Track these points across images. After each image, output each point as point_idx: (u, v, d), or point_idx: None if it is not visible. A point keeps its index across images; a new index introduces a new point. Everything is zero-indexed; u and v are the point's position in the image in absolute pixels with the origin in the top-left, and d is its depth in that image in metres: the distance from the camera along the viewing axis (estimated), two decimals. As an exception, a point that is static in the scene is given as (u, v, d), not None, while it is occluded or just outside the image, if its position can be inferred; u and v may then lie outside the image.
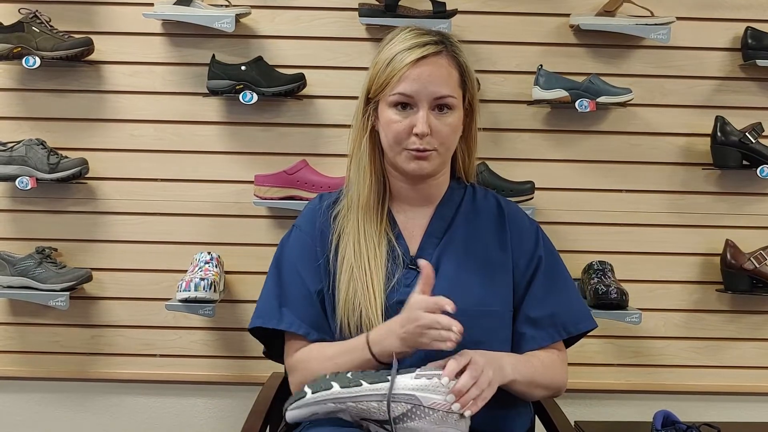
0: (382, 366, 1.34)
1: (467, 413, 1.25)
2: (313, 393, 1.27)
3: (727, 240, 2.17)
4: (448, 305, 1.28)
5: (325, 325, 1.46)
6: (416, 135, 1.38)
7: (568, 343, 1.54)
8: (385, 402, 1.23)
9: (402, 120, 1.39)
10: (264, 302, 1.50)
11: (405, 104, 1.39)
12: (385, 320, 1.39)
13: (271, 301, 1.48)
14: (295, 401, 1.29)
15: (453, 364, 1.28)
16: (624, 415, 2.26)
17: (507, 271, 1.47)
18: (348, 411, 1.26)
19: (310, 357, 1.43)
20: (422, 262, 1.34)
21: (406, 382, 1.25)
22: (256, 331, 1.51)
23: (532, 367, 1.41)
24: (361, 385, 1.25)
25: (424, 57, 1.36)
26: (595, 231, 2.21)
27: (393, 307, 1.40)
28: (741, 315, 2.25)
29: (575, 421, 1.98)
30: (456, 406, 1.24)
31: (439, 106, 1.39)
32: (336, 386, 1.25)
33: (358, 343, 1.38)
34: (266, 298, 1.50)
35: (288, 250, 1.52)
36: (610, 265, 2.14)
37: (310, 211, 1.54)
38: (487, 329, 1.42)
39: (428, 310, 1.29)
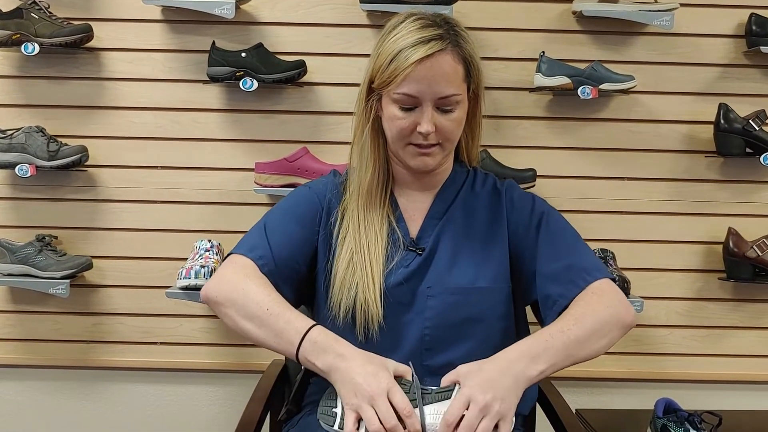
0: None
1: None
2: (338, 428, 1.23)
3: (729, 228, 2.16)
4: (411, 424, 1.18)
5: (290, 273, 1.40)
6: (420, 133, 1.37)
7: None
8: None
9: (406, 117, 1.37)
10: (246, 235, 1.46)
11: (409, 102, 1.38)
12: (383, 302, 1.38)
13: (251, 233, 1.45)
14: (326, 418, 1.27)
15: (446, 424, 1.17)
16: (625, 403, 2.26)
17: (503, 245, 1.45)
18: None
19: (240, 286, 1.33)
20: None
21: (435, 426, 1.19)
22: None
23: (562, 335, 1.27)
24: None
25: (428, 56, 1.33)
26: (597, 219, 2.20)
27: (391, 290, 1.40)
28: (743, 303, 2.24)
29: (576, 409, 1.98)
30: None
31: (444, 103, 1.38)
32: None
33: (289, 322, 1.28)
34: (250, 231, 1.46)
35: (290, 197, 1.51)
36: (612, 253, 2.13)
37: (323, 180, 1.53)
38: (485, 306, 1.41)
39: (399, 404, 1.17)
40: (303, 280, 1.45)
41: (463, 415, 1.17)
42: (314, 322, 1.29)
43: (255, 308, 1.31)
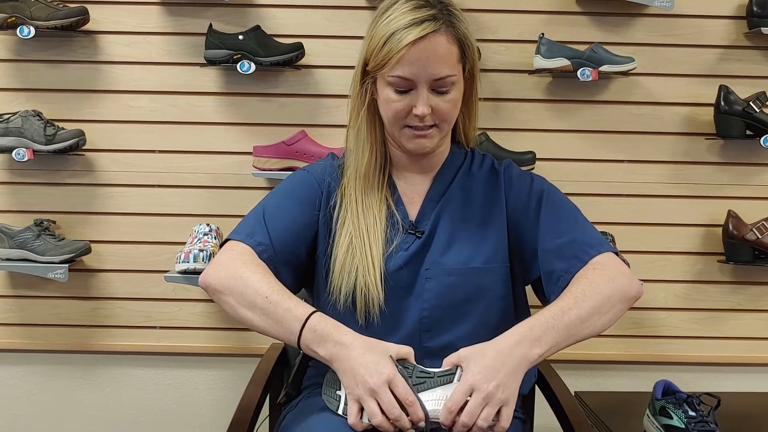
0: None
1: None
2: (342, 412, 1.24)
3: (729, 211, 2.16)
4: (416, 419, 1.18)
5: (290, 258, 1.39)
6: (416, 116, 1.36)
7: None
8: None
9: (401, 100, 1.36)
10: (244, 220, 1.45)
11: (403, 85, 1.37)
12: (384, 286, 1.37)
13: (248, 218, 1.44)
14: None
15: (448, 411, 1.18)
16: (624, 385, 2.26)
17: (501, 225, 1.44)
18: None
19: (238, 273, 1.32)
20: None
21: (437, 412, 1.19)
22: None
23: (563, 315, 1.25)
24: None
25: (422, 37, 1.32)
26: (597, 201, 2.20)
27: (392, 274, 1.39)
28: (742, 286, 2.24)
29: (575, 392, 1.98)
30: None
31: (439, 85, 1.36)
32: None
33: (288, 311, 1.27)
34: (247, 216, 1.45)
35: (288, 181, 1.50)
36: (612, 235, 2.13)
37: (322, 165, 1.52)
38: (483, 287, 1.41)
39: (401, 393, 1.17)
40: (303, 265, 1.44)
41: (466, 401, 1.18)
42: (314, 309, 1.28)
43: (254, 296, 1.29)
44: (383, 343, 1.24)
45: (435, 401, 1.20)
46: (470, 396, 1.18)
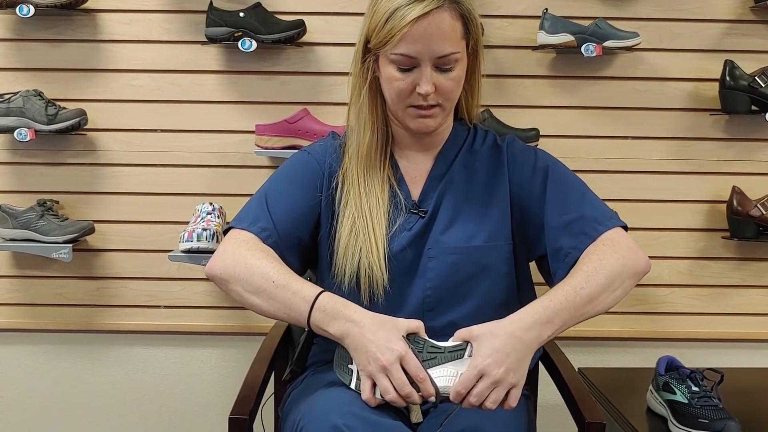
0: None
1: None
2: (354, 387, 1.25)
3: (733, 186, 2.15)
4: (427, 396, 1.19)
5: (294, 241, 1.39)
6: (420, 94, 1.35)
7: None
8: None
9: (404, 78, 1.35)
10: (246, 206, 1.45)
11: (407, 63, 1.35)
12: (387, 267, 1.37)
13: (250, 204, 1.44)
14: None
15: (457, 393, 1.18)
16: (628, 361, 2.27)
17: (503, 202, 1.44)
18: None
19: (243, 260, 1.32)
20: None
21: (447, 389, 1.20)
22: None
23: (575, 295, 1.25)
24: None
25: (425, 14, 1.30)
26: (600, 178, 2.19)
27: (396, 254, 1.39)
28: (747, 262, 2.24)
29: (579, 368, 1.99)
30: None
31: (443, 62, 1.35)
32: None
33: (296, 293, 1.27)
34: (249, 202, 1.45)
35: (289, 163, 1.49)
36: (615, 212, 2.10)
37: (322, 145, 1.51)
38: (486, 265, 1.40)
39: (412, 369, 1.18)
40: (307, 247, 1.44)
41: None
42: (321, 289, 1.28)
43: (260, 281, 1.30)
44: (393, 319, 1.24)
45: (446, 378, 1.21)
46: (479, 379, 1.18)
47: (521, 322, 1.22)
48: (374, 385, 1.21)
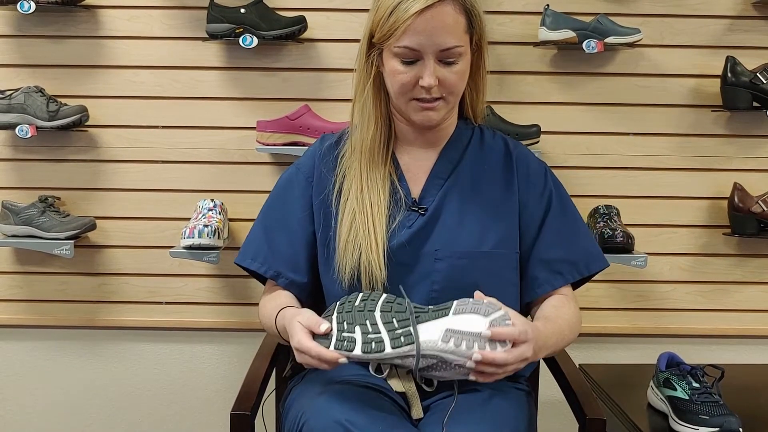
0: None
1: (472, 377, 1.22)
2: (334, 348, 1.25)
3: (735, 183, 2.15)
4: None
5: (304, 266, 1.48)
6: (423, 87, 1.35)
7: (577, 285, 1.53)
8: (409, 359, 1.21)
9: (408, 72, 1.35)
10: (248, 238, 1.54)
11: (410, 56, 1.36)
12: (386, 263, 1.38)
13: (252, 238, 1.53)
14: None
15: (508, 332, 1.21)
16: (629, 358, 2.27)
17: (513, 213, 1.46)
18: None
19: (264, 303, 1.50)
20: None
21: (434, 343, 1.20)
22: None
23: (560, 334, 1.39)
24: (384, 351, 1.21)
25: (428, 6, 1.31)
26: (602, 174, 2.19)
27: (395, 251, 1.39)
28: (748, 258, 2.24)
29: (580, 365, 1.99)
30: (470, 364, 1.20)
31: (446, 56, 1.35)
32: (358, 349, 1.22)
33: (284, 313, 1.38)
34: (251, 234, 1.54)
35: (278, 189, 1.55)
36: (617, 209, 2.12)
37: (311, 152, 1.54)
38: (492, 271, 1.41)
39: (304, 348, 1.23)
40: (315, 254, 1.50)
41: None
42: (279, 308, 1.39)
43: (267, 322, 1.46)
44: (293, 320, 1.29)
45: (430, 332, 1.21)
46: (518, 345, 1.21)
47: (546, 340, 1.33)
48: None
